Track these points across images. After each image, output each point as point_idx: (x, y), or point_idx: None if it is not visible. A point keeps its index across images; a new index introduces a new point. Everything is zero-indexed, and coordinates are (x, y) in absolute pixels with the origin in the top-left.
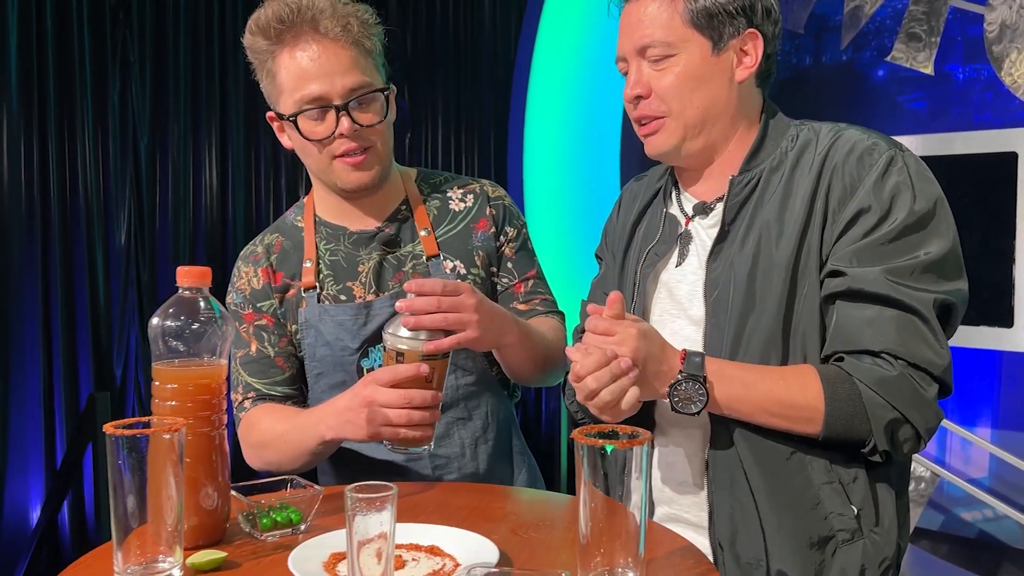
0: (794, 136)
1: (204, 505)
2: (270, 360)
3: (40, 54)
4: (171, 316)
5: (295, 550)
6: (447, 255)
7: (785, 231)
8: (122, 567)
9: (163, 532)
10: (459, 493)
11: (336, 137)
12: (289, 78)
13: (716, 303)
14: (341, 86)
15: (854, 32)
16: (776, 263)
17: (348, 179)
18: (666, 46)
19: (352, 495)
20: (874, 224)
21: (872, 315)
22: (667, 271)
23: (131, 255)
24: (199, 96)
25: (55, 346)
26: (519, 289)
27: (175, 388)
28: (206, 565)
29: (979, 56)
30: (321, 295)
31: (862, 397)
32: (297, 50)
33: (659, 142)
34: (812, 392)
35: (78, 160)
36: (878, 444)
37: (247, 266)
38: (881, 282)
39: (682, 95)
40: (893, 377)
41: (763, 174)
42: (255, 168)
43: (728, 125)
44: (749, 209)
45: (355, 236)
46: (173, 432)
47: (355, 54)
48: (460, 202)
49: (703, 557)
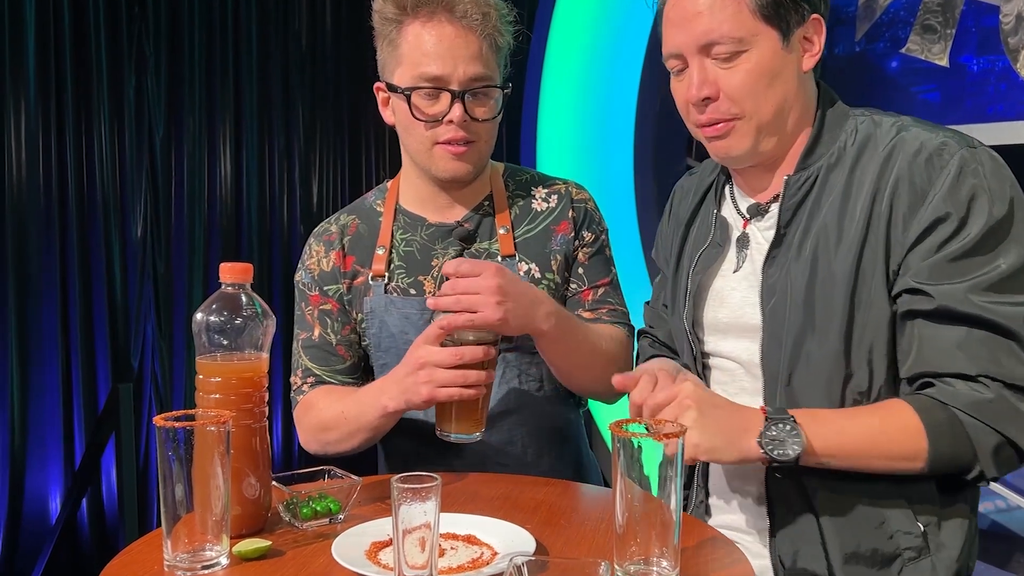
0: (853, 129)
1: (247, 495)
2: (331, 347)
3: (57, 48)
4: (214, 311)
5: (337, 539)
6: (523, 257)
7: (844, 237)
8: (171, 555)
9: (210, 521)
10: (490, 483)
11: (444, 122)
12: (412, 52)
13: (773, 313)
14: (463, 72)
15: (868, 24)
16: (835, 273)
17: (445, 167)
18: (736, 42)
19: (398, 485)
20: (951, 234)
21: (960, 337)
22: (721, 277)
23: (147, 247)
24: (214, 89)
25: (73, 338)
26: (587, 296)
27: (218, 381)
28: (251, 553)
29: (994, 47)
30: (389, 286)
31: (964, 425)
32: (427, 26)
33: (729, 146)
34: (912, 430)
35: (95, 153)
36: (986, 472)
37: (319, 245)
38: (966, 301)
39: (756, 94)
40: (991, 400)
41: (820, 172)
42: (269, 161)
43: (798, 119)
44: (806, 211)
45: (433, 228)
46: (220, 424)
47: (484, 46)
48: (543, 202)
49: (734, 548)
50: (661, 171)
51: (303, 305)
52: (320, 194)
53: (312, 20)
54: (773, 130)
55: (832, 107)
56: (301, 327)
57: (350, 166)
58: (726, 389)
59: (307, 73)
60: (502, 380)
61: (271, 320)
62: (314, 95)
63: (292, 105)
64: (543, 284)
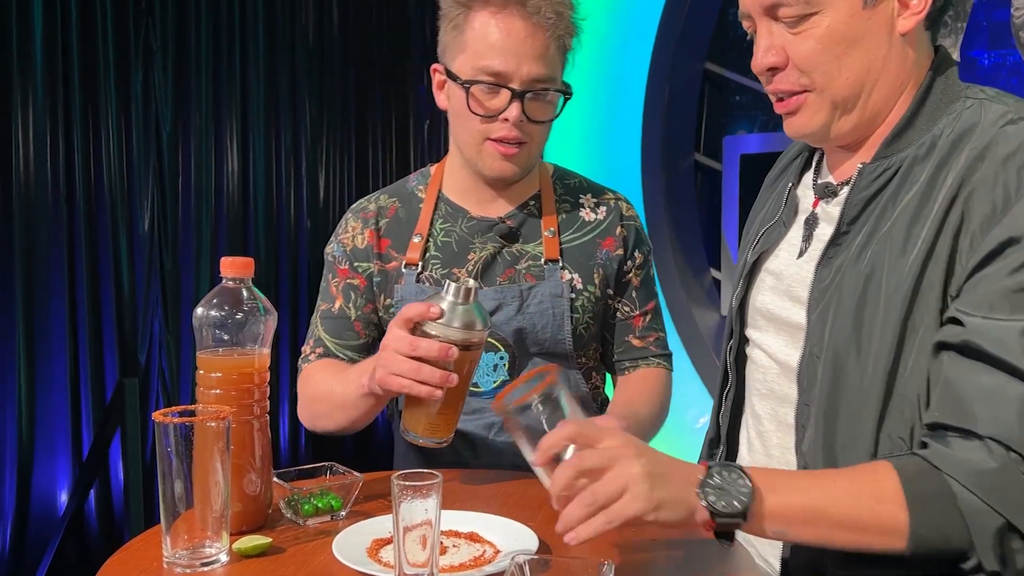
0: (957, 113)
1: (248, 491)
2: (348, 321)
3: (64, 44)
4: (215, 306)
5: (338, 536)
6: (567, 265)
7: (909, 248)
8: (171, 552)
9: (209, 518)
10: (493, 481)
11: (500, 119)
12: (476, 42)
13: (820, 320)
14: (527, 72)
15: None
16: (890, 292)
17: (492, 166)
18: (804, 3)
19: (398, 482)
20: (1020, 265)
21: (992, 385)
22: (780, 259)
23: (154, 242)
24: (221, 84)
25: (80, 333)
26: (638, 323)
27: (219, 377)
28: (252, 550)
29: (1005, 42)
30: (422, 275)
31: (956, 500)
32: (497, 18)
33: (801, 123)
34: (889, 494)
35: (102, 148)
36: (984, 563)
37: (356, 221)
38: (1015, 343)
39: (827, 64)
40: (994, 471)
41: (904, 164)
42: (276, 156)
43: (887, 93)
44: (878, 207)
45: (474, 222)
46: (220, 420)
47: (552, 47)
48: (592, 212)
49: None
50: (668, 166)
51: (329, 277)
52: (327, 189)
53: (319, 15)
54: (852, 106)
55: (941, 82)
56: (323, 299)
57: (357, 161)
58: (758, 388)
59: (314, 68)
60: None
61: (272, 315)
62: (321, 90)
63: (299, 100)
64: (584, 296)
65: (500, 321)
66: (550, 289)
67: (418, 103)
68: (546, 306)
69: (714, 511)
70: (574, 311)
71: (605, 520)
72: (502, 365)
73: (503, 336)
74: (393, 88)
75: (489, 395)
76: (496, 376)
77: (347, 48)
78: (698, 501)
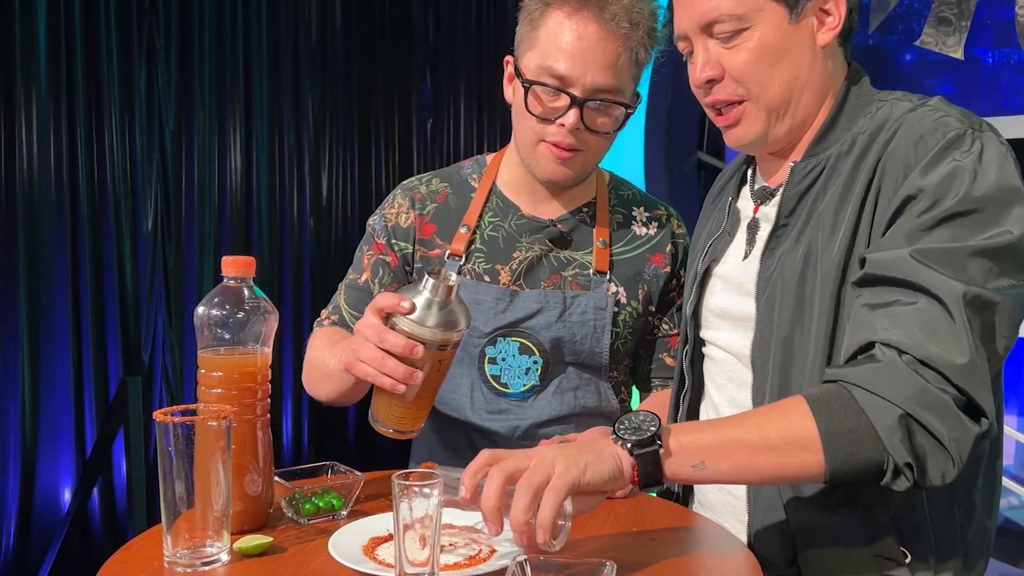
0: (872, 113)
1: (248, 491)
2: (370, 296)
3: (68, 41)
4: (216, 305)
5: (335, 535)
6: (614, 278)
7: (838, 228)
8: (172, 551)
9: (210, 517)
10: None
11: (556, 123)
12: (547, 40)
13: (767, 305)
14: (592, 80)
15: (882, 16)
16: (824, 268)
17: (544, 168)
18: (736, 19)
19: (399, 482)
20: (920, 213)
21: (888, 301)
22: (727, 264)
23: (157, 240)
24: (224, 82)
25: (84, 331)
26: (675, 342)
27: (220, 376)
28: (252, 550)
29: (1009, 40)
30: (464, 267)
31: (857, 401)
32: (572, 19)
33: (741, 132)
34: (795, 408)
35: (105, 146)
36: (895, 457)
37: (404, 199)
38: (906, 263)
39: (760, 73)
40: (888, 367)
41: (830, 160)
42: (279, 153)
43: (813, 99)
44: (809, 200)
45: (525, 220)
46: (221, 419)
47: (624, 57)
48: (644, 227)
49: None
50: (671, 164)
51: (364, 248)
52: (330, 187)
53: (322, 12)
54: (784, 112)
55: (856, 90)
56: (354, 268)
57: (360, 159)
58: (715, 380)
59: (317, 66)
60: (557, 391)
61: (274, 314)
62: (324, 88)
63: (302, 98)
64: (627, 310)
65: (539, 326)
66: (595, 301)
67: (421, 101)
68: (588, 317)
69: (631, 444)
70: (615, 325)
71: (552, 497)
72: (535, 369)
73: (540, 341)
74: (396, 87)
75: (517, 397)
76: (527, 380)
77: (350, 46)
78: (617, 447)
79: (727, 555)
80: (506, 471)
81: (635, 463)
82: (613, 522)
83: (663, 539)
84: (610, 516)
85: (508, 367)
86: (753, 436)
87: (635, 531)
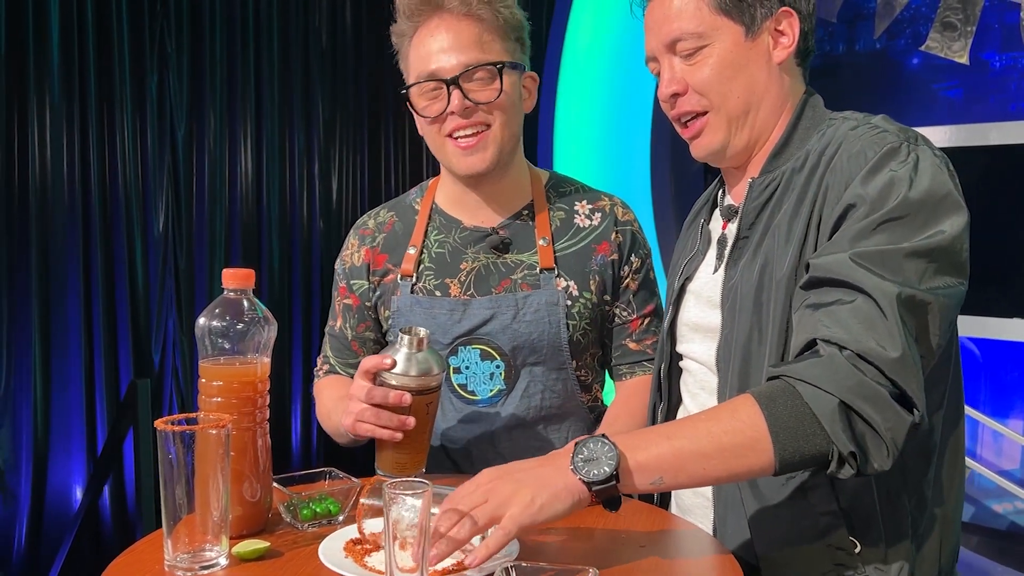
0: (823, 132)
1: (247, 496)
2: (347, 341)
3: (80, 46)
4: (216, 316)
5: (325, 540)
6: (562, 272)
7: (791, 239)
8: (172, 555)
9: (210, 522)
10: None
11: (448, 115)
12: (414, 57)
13: (729, 315)
14: (456, 61)
15: (889, 20)
16: (778, 277)
17: (460, 163)
18: (696, 37)
19: (389, 490)
20: (860, 219)
21: (830, 301)
22: (700, 280)
23: (168, 243)
24: (235, 86)
25: (96, 333)
26: (635, 326)
27: (220, 385)
28: (250, 554)
29: (1016, 44)
30: (416, 286)
31: (801, 395)
32: (424, 29)
33: (705, 142)
34: (743, 406)
35: (117, 150)
36: (839, 446)
37: (355, 238)
38: (846, 265)
39: (721, 86)
40: (828, 361)
41: (784, 175)
42: (289, 157)
43: (770, 112)
44: (767, 214)
45: (467, 232)
46: (220, 428)
47: (477, 29)
48: (586, 218)
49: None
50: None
51: (334, 293)
52: (340, 190)
53: (332, 16)
54: (743, 123)
55: (810, 109)
56: (331, 314)
57: (370, 162)
58: (690, 389)
59: (327, 70)
60: (525, 393)
61: (272, 325)
62: (334, 91)
63: (312, 101)
64: (580, 302)
65: (495, 330)
66: (545, 297)
67: None
68: (542, 314)
69: (589, 482)
70: (570, 318)
71: (501, 537)
72: (498, 374)
73: (499, 345)
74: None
75: (485, 403)
76: (492, 385)
77: (360, 50)
78: (574, 478)
79: (709, 559)
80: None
81: (593, 495)
82: (596, 528)
83: (645, 544)
84: (593, 522)
85: (473, 375)
86: (705, 444)
87: (618, 537)
